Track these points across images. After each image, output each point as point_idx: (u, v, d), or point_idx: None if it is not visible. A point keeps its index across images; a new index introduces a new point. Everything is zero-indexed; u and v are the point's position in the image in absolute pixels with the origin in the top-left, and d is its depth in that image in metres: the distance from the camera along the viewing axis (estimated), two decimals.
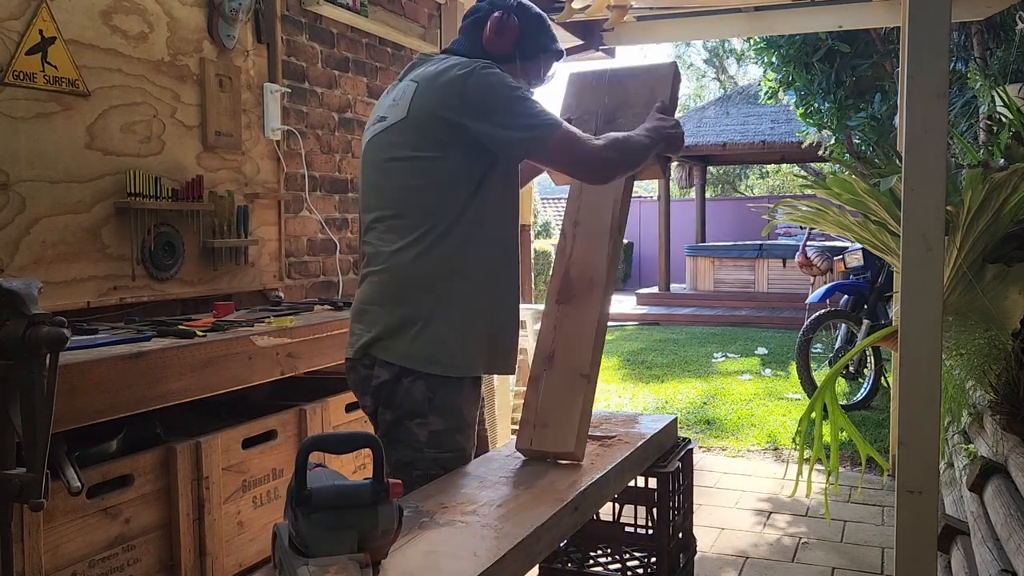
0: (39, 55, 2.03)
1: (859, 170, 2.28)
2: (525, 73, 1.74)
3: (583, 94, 1.94)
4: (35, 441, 1.29)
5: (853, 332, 5.06)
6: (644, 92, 1.87)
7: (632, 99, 1.88)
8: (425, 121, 1.57)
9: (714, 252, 11.27)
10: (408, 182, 1.60)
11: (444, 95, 1.55)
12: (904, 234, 1.71)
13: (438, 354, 1.59)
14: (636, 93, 1.88)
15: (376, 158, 1.67)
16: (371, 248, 1.67)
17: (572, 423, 1.65)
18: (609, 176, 1.66)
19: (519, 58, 1.71)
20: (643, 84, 1.88)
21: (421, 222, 1.59)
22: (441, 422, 1.60)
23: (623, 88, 1.90)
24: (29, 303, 1.32)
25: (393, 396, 1.61)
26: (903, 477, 1.73)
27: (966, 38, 4.66)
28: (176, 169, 2.43)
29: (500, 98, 1.55)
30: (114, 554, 1.76)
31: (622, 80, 1.92)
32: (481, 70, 1.56)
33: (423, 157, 1.58)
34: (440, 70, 1.59)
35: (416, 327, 1.59)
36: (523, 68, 1.73)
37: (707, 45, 19.19)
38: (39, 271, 2.02)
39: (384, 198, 1.65)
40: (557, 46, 1.78)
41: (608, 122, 1.87)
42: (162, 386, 1.80)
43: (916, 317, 1.71)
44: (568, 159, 1.62)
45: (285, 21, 2.94)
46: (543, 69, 1.78)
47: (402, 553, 1.17)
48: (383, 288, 1.63)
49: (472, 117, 1.54)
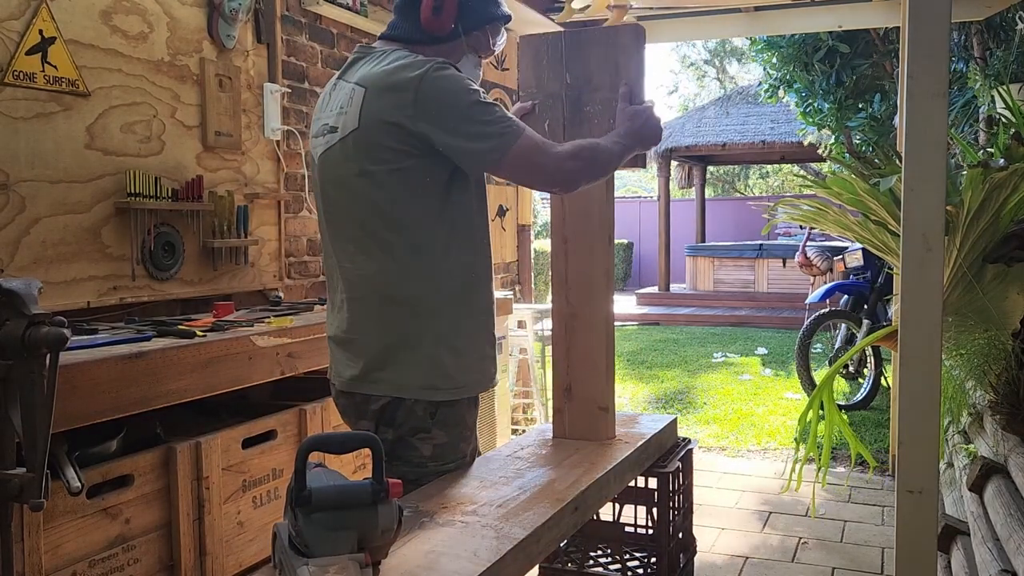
0: (39, 55, 2.03)
1: (859, 170, 2.28)
2: (472, 47, 1.62)
3: (540, 68, 1.80)
4: (35, 441, 1.28)
5: (853, 332, 5.05)
6: (608, 67, 1.72)
7: (596, 76, 1.73)
8: (380, 130, 1.46)
9: (714, 252, 11.27)
10: (373, 197, 1.49)
11: (396, 101, 1.44)
12: (904, 234, 1.71)
13: (434, 379, 1.52)
14: (599, 68, 1.73)
15: (334, 175, 1.55)
16: (346, 271, 1.57)
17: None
18: (572, 187, 1.55)
19: (463, 33, 1.58)
20: (606, 56, 1.73)
21: (393, 238, 1.49)
22: (445, 435, 1.55)
23: (584, 59, 1.75)
24: (29, 303, 1.32)
25: (395, 417, 1.54)
26: (903, 477, 1.73)
27: (966, 38, 4.66)
28: (176, 169, 2.43)
29: (457, 105, 1.43)
30: (114, 554, 1.75)
31: (583, 46, 1.75)
32: (434, 72, 1.43)
33: (384, 169, 1.47)
34: (388, 70, 1.47)
35: (405, 353, 1.51)
36: (469, 43, 1.61)
37: (707, 45, 19.20)
38: (39, 271, 2.02)
39: (350, 217, 1.54)
40: (502, 11, 1.65)
41: (576, 111, 1.76)
42: (162, 386, 1.80)
43: (916, 317, 1.71)
44: (529, 170, 1.50)
45: (285, 21, 2.94)
46: (491, 40, 1.65)
47: (402, 553, 1.17)
48: (366, 313, 1.55)
49: (428, 125, 1.43)
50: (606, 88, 1.73)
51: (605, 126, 1.71)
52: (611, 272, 1.88)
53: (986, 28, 4.47)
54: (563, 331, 1.89)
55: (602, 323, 1.86)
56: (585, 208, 1.87)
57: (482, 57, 1.66)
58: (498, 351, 1.70)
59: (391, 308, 1.52)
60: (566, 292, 1.88)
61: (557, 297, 1.89)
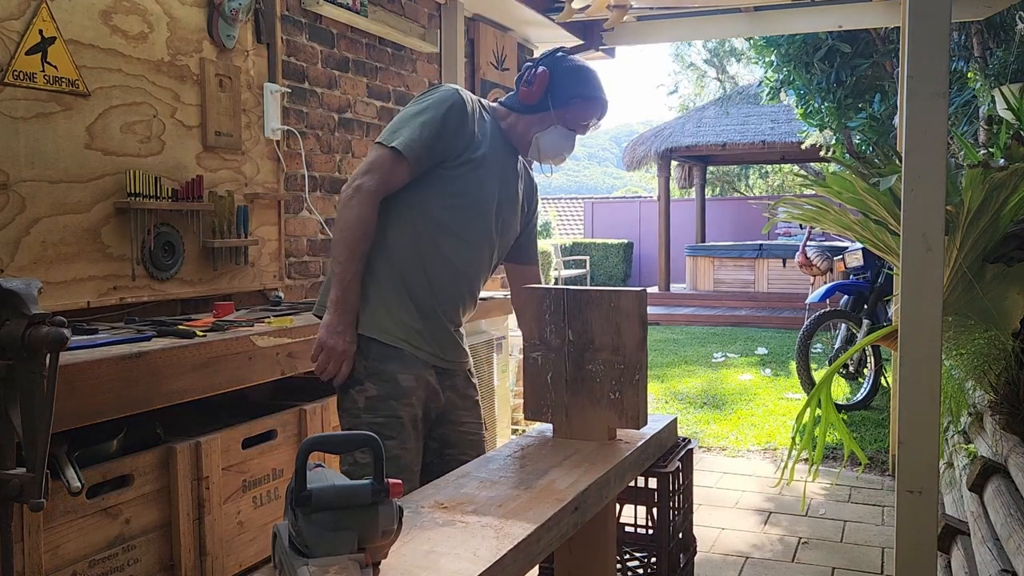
0: (39, 55, 2.02)
1: (859, 169, 2.28)
2: (561, 119, 1.82)
3: (543, 322, 1.73)
4: (35, 441, 1.28)
5: (853, 332, 5.05)
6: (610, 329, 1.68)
7: (598, 338, 1.69)
8: None
9: (714, 252, 11.27)
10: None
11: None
12: (904, 234, 1.71)
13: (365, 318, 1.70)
14: (602, 330, 1.69)
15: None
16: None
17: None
18: (342, 207, 1.68)
19: (552, 106, 1.81)
20: (607, 318, 1.68)
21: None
22: (374, 388, 1.68)
23: (586, 319, 1.70)
24: (29, 303, 1.31)
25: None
26: (903, 477, 1.73)
27: (966, 38, 4.65)
28: (176, 169, 2.43)
29: (406, 108, 1.74)
30: (114, 554, 1.75)
31: (583, 306, 1.70)
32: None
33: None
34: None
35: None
36: (558, 115, 1.82)
37: (707, 45, 19.19)
38: (39, 271, 2.02)
39: None
40: (592, 92, 1.83)
41: (578, 367, 1.71)
42: (162, 386, 1.80)
43: (916, 317, 1.71)
44: (360, 166, 1.71)
45: (285, 21, 2.94)
46: (579, 116, 1.84)
47: (402, 553, 1.17)
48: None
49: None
50: (607, 350, 1.71)
51: (607, 387, 1.70)
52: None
53: (986, 28, 4.46)
54: None
55: None
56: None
57: (573, 131, 1.86)
58: (461, 339, 1.87)
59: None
60: None
61: None
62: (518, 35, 4.48)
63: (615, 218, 15.89)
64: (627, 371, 1.71)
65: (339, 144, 3.28)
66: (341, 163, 3.30)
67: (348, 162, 3.34)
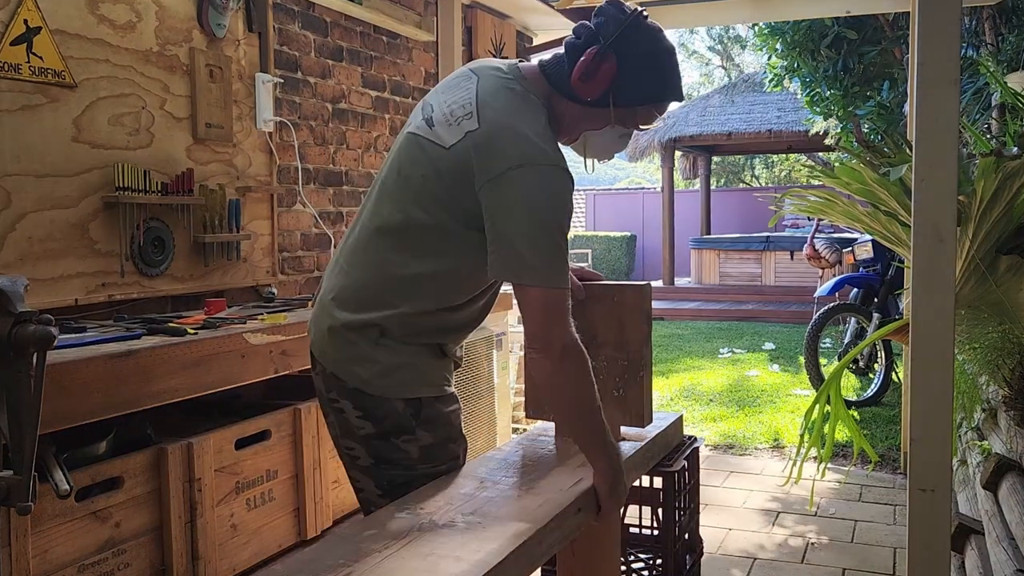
0: (24, 46, 1.99)
1: (868, 159, 2.23)
2: (620, 120, 1.48)
3: None
4: (22, 443, 1.28)
5: (863, 326, 4.99)
6: (612, 325, 1.64)
7: (601, 334, 1.66)
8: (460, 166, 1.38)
9: (719, 244, 11.18)
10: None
11: (485, 164, 1.34)
12: (915, 225, 1.66)
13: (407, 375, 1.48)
14: (605, 326, 1.66)
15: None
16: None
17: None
18: (544, 367, 1.37)
19: (612, 105, 1.45)
20: (609, 313, 1.65)
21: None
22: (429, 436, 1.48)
23: (589, 314, 1.67)
24: (15, 301, 1.32)
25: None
26: (915, 475, 1.68)
27: (977, 23, 4.58)
28: (166, 162, 2.39)
29: (532, 209, 1.33)
30: (104, 558, 1.73)
31: (584, 302, 1.67)
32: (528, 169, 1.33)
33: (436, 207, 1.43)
34: (508, 116, 1.38)
35: None
36: (617, 115, 1.47)
37: (711, 32, 19.09)
38: (25, 268, 1.99)
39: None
40: (667, 93, 1.47)
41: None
42: (152, 385, 1.78)
43: (928, 310, 1.66)
44: (538, 321, 1.36)
45: (277, 9, 2.89)
46: (644, 118, 1.50)
47: (401, 555, 1.13)
48: None
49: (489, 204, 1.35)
50: (610, 346, 1.67)
51: (611, 384, 1.68)
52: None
53: (998, 13, 4.39)
54: None
55: None
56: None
57: (630, 130, 1.53)
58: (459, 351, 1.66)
59: None
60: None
61: None
62: (517, 22, 4.42)
63: (618, 210, 15.81)
64: (631, 368, 1.67)
65: (333, 135, 3.23)
66: (335, 155, 3.25)
67: (342, 154, 3.28)
